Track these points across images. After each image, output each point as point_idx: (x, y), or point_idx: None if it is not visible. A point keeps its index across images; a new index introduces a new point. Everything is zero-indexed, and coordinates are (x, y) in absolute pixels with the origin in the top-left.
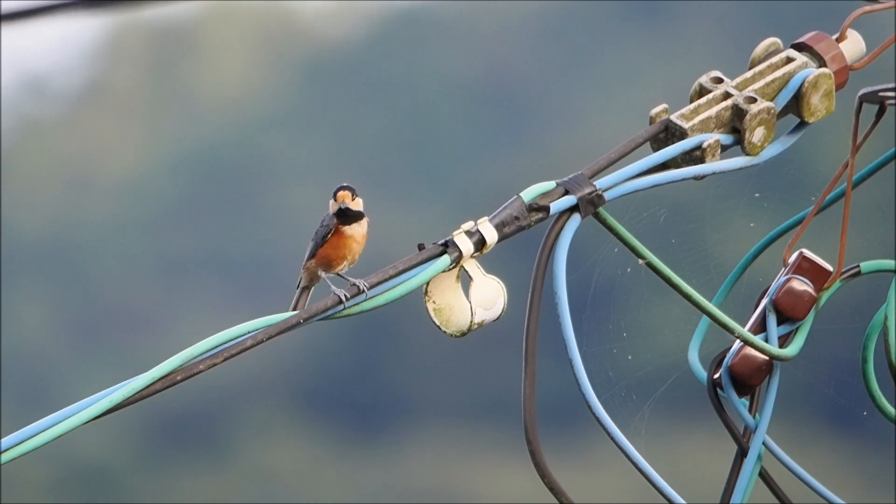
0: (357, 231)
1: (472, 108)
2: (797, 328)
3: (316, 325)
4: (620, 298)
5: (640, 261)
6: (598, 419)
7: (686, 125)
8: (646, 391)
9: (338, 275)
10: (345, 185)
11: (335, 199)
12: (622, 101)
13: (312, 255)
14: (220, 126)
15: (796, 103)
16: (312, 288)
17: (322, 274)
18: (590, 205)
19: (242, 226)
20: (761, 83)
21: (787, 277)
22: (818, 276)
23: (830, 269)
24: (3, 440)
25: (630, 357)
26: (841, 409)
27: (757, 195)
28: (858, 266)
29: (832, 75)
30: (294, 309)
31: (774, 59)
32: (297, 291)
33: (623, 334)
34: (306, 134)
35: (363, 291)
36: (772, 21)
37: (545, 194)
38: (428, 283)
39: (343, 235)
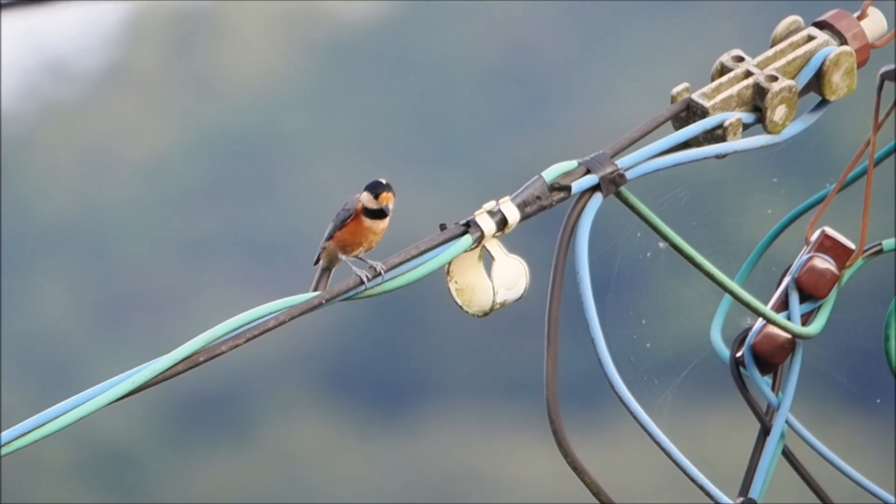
0: (378, 225)
1: (494, 88)
2: (819, 306)
3: (338, 305)
4: (641, 284)
5: (661, 244)
6: (619, 397)
7: (707, 104)
8: (668, 376)
9: (356, 257)
10: (385, 182)
11: (376, 198)
12: (643, 81)
13: (330, 237)
14: (242, 107)
15: (818, 81)
16: (333, 269)
17: (340, 256)
18: (611, 184)
19: (264, 207)
20: (782, 61)
21: (809, 255)
22: (840, 254)
23: (853, 246)
24: (26, 422)
25: (648, 345)
26: (863, 388)
27: (775, 180)
28: (880, 244)
29: (853, 53)
30: (315, 290)
31: (795, 38)
32: (318, 272)
33: (642, 321)
34: (327, 114)
35: (380, 274)
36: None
37: (567, 174)
38: (450, 263)
39: (362, 224)
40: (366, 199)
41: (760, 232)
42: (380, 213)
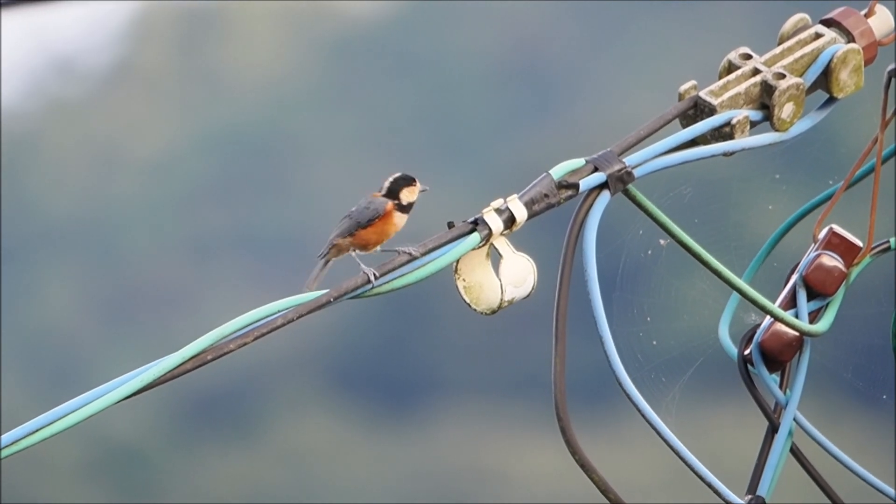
0: (402, 221)
1: (501, 86)
2: (827, 304)
3: (346, 303)
4: (645, 281)
5: (663, 242)
6: (628, 395)
7: (715, 101)
8: (675, 373)
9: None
10: (404, 174)
11: (414, 185)
12: (651, 78)
13: (350, 234)
14: (249, 105)
15: (825, 79)
16: (332, 262)
17: (353, 253)
18: (619, 182)
19: (271, 204)
20: (790, 59)
21: (817, 253)
22: (848, 251)
23: (860, 244)
24: (34, 420)
25: (655, 342)
26: (869, 385)
27: (777, 176)
28: (888, 241)
29: (861, 51)
30: (311, 283)
31: (803, 35)
32: (320, 264)
33: (647, 318)
34: (334, 112)
35: (416, 257)
36: None
37: (574, 171)
38: (458, 261)
39: (391, 223)
40: (407, 194)
41: (765, 229)
42: (409, 207)
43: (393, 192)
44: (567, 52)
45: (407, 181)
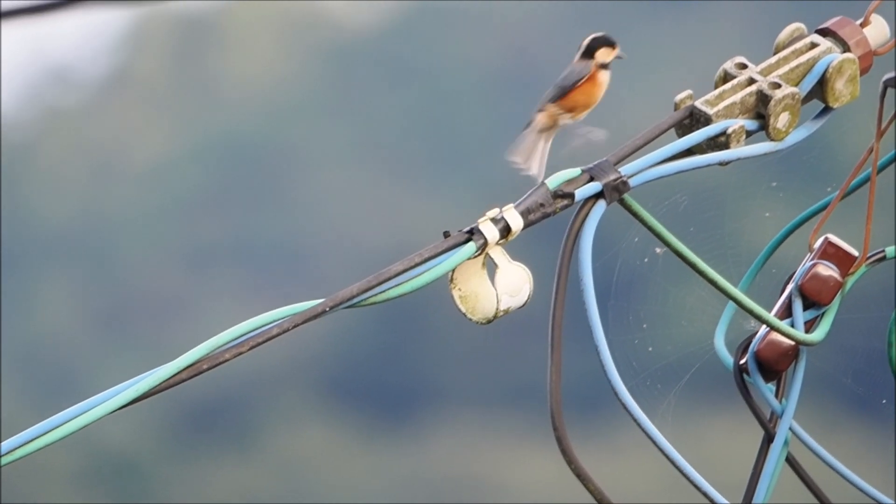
0: (606, 79)
1: (497, 95)
2: (823, 313)
3: (341, 312)
4: (640, 288)
5: (658, 250)
6: (623, 404)
7: (711, 111)
8: (670, 381)
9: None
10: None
11: (613, 47)
12: (646, 88)
13: (559, 99)
14: (245, 113)
15: (821, 89)
16: (548, 132)
17: (561, 122)
18: (615, 191)
19: (268, 213)
20: (786, 69)
21: (812, 263)
22: (844, 261)
23: (856, 254)
24: (30, 430)
25: (650, 349)
26: (868, 389)
27: (774, 184)
28: (883, 251)
29: (856, 60)
30: (528, 159)
31: (798, 45)
32: (530, 138)
33: (643, 325)
34: (331, 121)
35: (589, 138)
36: (795, 7)
37: (570, 181)
38: (453, 271)
39: (596, 83)
40: (603, 54)
41: (761, 237)
42: (606, 66)
43: (590, 52)
44: (563, 62)
45: (606, 42)
